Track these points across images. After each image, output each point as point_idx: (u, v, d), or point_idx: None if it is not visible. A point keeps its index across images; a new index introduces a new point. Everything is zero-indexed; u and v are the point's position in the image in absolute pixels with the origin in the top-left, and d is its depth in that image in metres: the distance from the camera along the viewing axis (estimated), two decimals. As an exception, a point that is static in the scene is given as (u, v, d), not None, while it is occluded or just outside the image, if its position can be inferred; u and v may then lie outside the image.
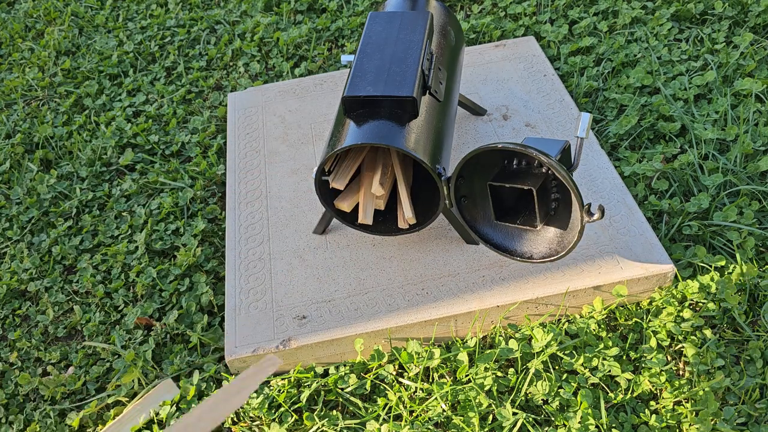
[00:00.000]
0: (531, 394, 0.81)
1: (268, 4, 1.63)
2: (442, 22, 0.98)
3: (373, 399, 0.85)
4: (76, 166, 1.29)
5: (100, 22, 1.71)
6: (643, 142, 1.12)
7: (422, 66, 0.83)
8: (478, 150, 0.73)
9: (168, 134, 1.33)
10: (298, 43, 1.50)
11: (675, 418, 0.77)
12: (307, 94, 1.26)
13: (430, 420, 0.80)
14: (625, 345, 0.85)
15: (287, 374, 0.88)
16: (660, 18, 1.32)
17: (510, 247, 0.81)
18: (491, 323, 0.88)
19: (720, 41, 1.25)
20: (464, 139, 1.09)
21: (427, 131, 0.82)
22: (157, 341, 0.97)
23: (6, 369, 0.99)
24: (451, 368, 0.86)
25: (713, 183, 1.00)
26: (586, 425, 0.77)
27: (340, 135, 0.81)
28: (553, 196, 0.76)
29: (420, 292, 0.89)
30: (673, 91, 1.17)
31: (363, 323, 0.86)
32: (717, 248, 0.94)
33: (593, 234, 0.92)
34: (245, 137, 1.19)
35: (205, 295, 1.00)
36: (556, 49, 1.33)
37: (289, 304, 0.90)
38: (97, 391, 0.93)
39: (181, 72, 1.48)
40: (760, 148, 1.05)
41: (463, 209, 0.82)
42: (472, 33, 1.41)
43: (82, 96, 1.48)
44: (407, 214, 0.85)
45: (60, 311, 1.05)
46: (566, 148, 0.75)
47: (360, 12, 1.55)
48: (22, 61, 1.64)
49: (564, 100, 1.13)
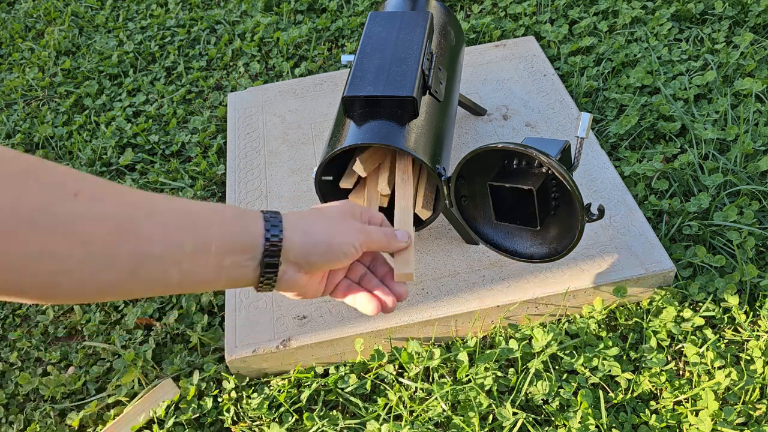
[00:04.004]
0: (531, 394, 0.81)
1: (268, 4, 1.63)
2: (442, 22, 0.98)
3: (373, 399, 0.85)
4: (77, 166, 1.29)
5: (100, 22, 1.71)
6: (643, 142, 1.12)
7: (422, 66, 0.83)
8: (478, 150, 0.73)
9: (168, 134, 1.33)
10: (298, 43, 1.50)
11: (675, 418, 0.77)
12: (307, 94, 1.26)
13: (430, 420, 0.80)
14: (625, 345, 0.85)
15: (287, 374, 0.88)
16: (660, 18, 1.32)
17: (510, 247, 0.81)
18: (491, 323, 0.88)
19: (720, 41, 1.25)
20: (464, 139, 1.09)
21: (427, 131, 0.82)
22: (157, 341, 0.97)
23: (6, 369, 0.99)
24: (451, 368, 0.86)
25: (713, 183, 1.00)
26: (586, 425, 0.77)
27: (340, 135, 0.81)
28: (553, 196, 0.76)
29: (420, 292, 0.89)
30: (673, 91, 1.17)
31: (363, 323, 0.86)
32: (717, 248, 0.94)
33: (593, 234, 0.92)
34: (245, 137, 1.19)
35: (205, 295, 1.00)
36: (556, 49, 1.33)
37: (289, 303, 0.90)
38: (97, 391, 0.93)
39: (181, 72, 1.48)
40: (760, 148, 1.05)
41: (463, 209, 0.82)
42: (472, 33, 1.41)
43: (82, 96, 1.48)
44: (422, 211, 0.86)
45: (60, 311, 1.05)
46: (566, 148, 0.75)
47: (360, 12, 1.55)
48: (22, 61, 1.64)
49: (564, 100, 1.13)
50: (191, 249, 0.45)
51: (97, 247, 0.40)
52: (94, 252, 0.40)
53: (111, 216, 0.41)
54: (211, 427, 0.86)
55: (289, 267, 0.51)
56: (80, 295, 0.42)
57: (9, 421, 0.92)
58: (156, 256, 0.43)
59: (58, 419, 0.91)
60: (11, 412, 0.93)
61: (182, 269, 0.45)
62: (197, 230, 0.46)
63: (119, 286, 0.43)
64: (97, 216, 0.41)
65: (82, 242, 0.39)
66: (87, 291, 0.41)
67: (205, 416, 0.86)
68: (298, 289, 0.53)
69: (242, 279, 0.49)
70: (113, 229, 0.41)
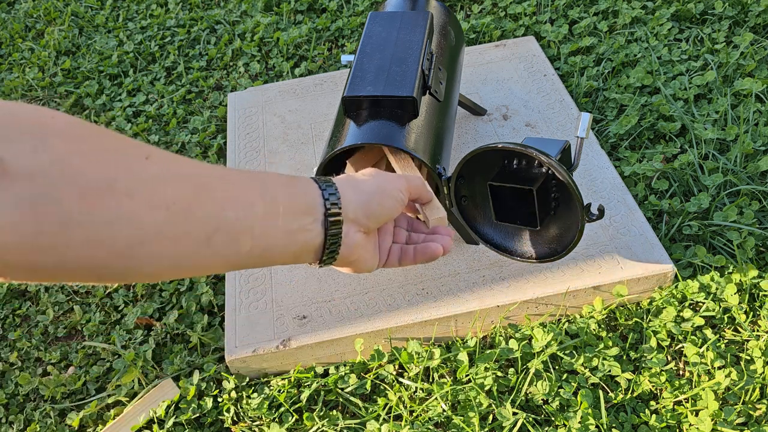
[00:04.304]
0: (531, 394, 0.81)
1: (268, 4, 1.63)
2: (442, 22, 0.98)
3: (373, 399, 0.85)
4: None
5: (100, 22, 1.71)
6: (643, 142, 1.12)
7: (422, 66, 0.83)
8: (478, 150, 0.73)
9: (168, 134, 1.33)
10: (298, 43, 1.50)
11: (675, 418, 0.77)
12: (307, 94, 1.26)
13: (430, 420, 0.80)
14: (625, 345, 0.85)
15: (287, 374, 0.88)
16: (660, 18, 1.32)
17: (510, 247, 0.81)
18: (491, 323, 0.88)
19: (720, 41, 1.25)
20: (464, 139, 1.09)
21: (427, 131, 0.82)
22: (157, 341, 0.97)
23: (6, 369, 0.99)
24: (451, 368, 0.86)
25: (713, 183, 1.00)
26: (586, 425, 0.77)
27: (340, 135, 0.81)
28: (553, 196, 0.76)
29: (420, 292, 0.89)
30: (673, 91, 1.17)
31: (363, 323, 0.86)
32: (717, 248, 0.94)
33: (593, 234, 0.92)
34: (245, 137, 1.19)
35: (205, 295, 1.00)
36: (556, 49, 1.33)
37: (289, 303, 0.90)
38: (97, 391, 0.93)
39: (181, 72, 1.48)
40: (760, 148, 1.05)
41: (463, 209, 0.82)
42: (472, 33, 1.41)
43: (82, 96, 1.48)
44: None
45: (60, 311, 1.05)
46: (566, 148, 0.75)
47: (360, 12, 1.55)
48: (22, 61, 1.64)
49: (564, 100, 1.13)
50: (262, 211, 0.45)
51: (174, 212, 0.39)
52: (171, 216, 0.39)
53: (187, 177, 0.40)
54: (211, 427, 0.86)
55: (350, 226, 0.52)
56: (155, 271, 0.40)
57: (9, 421, 0.92)
58: (230, 219, 0.43)
59: (58, 419, 0.91)
60: (11, 412, 0.93)
61: (254, 234, 0.45)
62: (266, 191, 0.46)
63: (194, 259, 0.41)
64: (174, 177, 0.40)
65: (159, 206, 0.38)
66: (162, 265, 0.40)
67: (205, 416, 0.86)
68: (358, 255, 0.55)
69: (308, 245, 0.50)
70: (190, 192, 0.40)
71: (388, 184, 0.57)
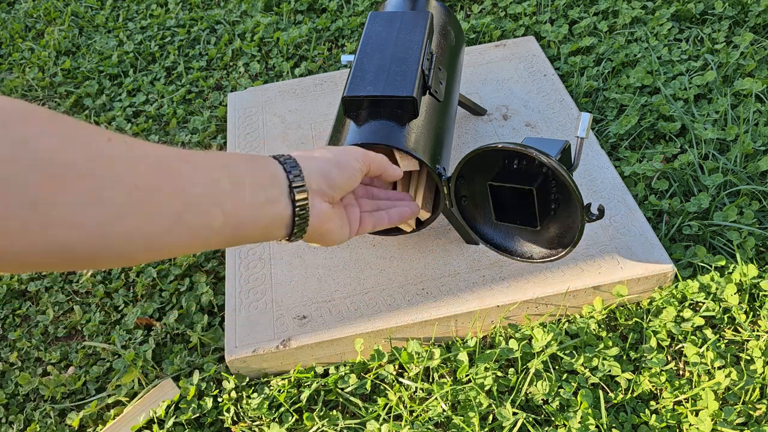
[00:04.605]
0: (531, 394, 0.81)
1: (268, 4, 1.63)
2: (442, 22, 0.98)
3: (373, 399, 0.85)
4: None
5: (100, 22, 1.71)
6: (643, 142, 1.12)
7: (422, 66, 0.83)
8: (478, 150, 0.73)
9: (168, 134, 1.33)
10: (298, 43, 1.50)
11: (675, 418, 0.77)
12: (307, 94, 1.26)
13: (430, 420, 0.80)
14: (625, 345, 0.85)
15: (287, 374, 0.88)
16: (660, 18, 1.32)
17: (510, 247, 0.81)
18: (491, 323, 0.88)
19: (720, 41, 1.25)
20: (464, 139, 1.09)
21: (427, 131, 0.82)
22: (157, 341, 0.97)
23: (6, 369, 0.99)
24: (451, 368, 0.86)
25: (713, 183, 1.00)
26: (586, 425, 0.77)
27: (340, 135, 0.81)
28: (553, 196, 0.76)
29: (420, 292, 0.89)
30: (673, 91, 1.17)
31: (363, 323, 0.86)
32: (717, 248, 0.94)
33: (593, 234, 0.92)
34: (245, 137, 1.19)
35: (205, 295, 1.00)
36: (556, 49, 1.33)
37: (289, 304, 0.90)
38: (97, 391, 0.93)
39: (181, 72, 1.48)
40: (760, 148, 1.05)
41: (463, 209, 0.82)
42: (472, 33, 1.41)
43: (82, 96, 1.48)
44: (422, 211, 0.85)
45: (60, 311, 1.05)
46: (566, 148, 0.75)
47: (360, 12, 1.55)
48: (22, 61, 1.64)
49: (564, 100, 1.13)
50: (229, 186, 0.46)
51: (142, 189, 0.39)
52: (140, 194, 0.39)
53: (152, 157, 0.41)
54: (211, 427, 0.86)
55: (315, 196, 0.55)
56: (129, 251, 0.40)
57: (9, 421, 0.92)
58: (199, 194, 0.43)
59: (58, 419, 0.91)
60: (11, 412, 0.93)
61: (224, 210, 0.46)
62: (229, 169, 0.47)
63: (167, 237, 0.42)
64: (138, 158, 0.40)
65: (127, 184, 0.38)
66: (135, 246, 0.40)
67: (205, 416, 0.86)
68: (327, 226, 0.57)
69: (278, 218, 0.51)
70: (155, 170, 0.41)
71: (345, 155, 0.61)
